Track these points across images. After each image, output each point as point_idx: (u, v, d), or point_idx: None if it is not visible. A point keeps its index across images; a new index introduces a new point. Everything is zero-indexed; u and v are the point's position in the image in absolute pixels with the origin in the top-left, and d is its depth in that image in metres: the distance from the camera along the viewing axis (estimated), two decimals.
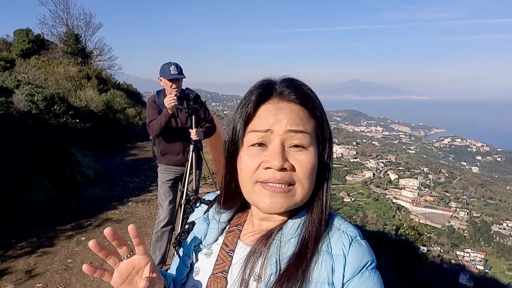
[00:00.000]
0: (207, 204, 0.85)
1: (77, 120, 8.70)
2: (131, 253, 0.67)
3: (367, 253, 0.68)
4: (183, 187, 3.14)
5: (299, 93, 0.68)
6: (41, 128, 6.79)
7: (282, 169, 0.64)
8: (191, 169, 3.10)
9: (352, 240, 0.68)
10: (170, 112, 2.91)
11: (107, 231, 0.64)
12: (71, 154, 6.66)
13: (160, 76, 3.01)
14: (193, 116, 3.00)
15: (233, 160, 0.71)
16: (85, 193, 5.97)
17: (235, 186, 0.73)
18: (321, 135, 0.70)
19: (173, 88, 2.97)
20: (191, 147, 3.07)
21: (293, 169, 0.65)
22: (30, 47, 14.20)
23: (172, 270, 0.87)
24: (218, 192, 0.84)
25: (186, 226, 0.83)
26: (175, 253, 0.83)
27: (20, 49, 13.90)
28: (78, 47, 15.33)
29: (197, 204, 0.87)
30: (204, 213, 0.82)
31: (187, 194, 3.12)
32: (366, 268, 0.67)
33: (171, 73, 2.94)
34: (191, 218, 0.85)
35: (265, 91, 0.68)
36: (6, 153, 5.12)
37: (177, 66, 2.98)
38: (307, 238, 0.67)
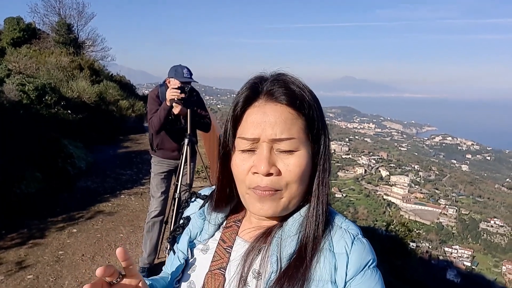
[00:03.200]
0: (203, 199, 0.83)
1: (69, 111, 8.58)
2: (121, 276, 0.63)
3: (368, 251, 0.68)
4: (177, 181, 3.13)
5: (285, 92, 0.66)
6: (32, 118, 6.68)
7: (269, 174, 0.64)
8: (185, 162, 3.09)
9: (354, 238, 0.68)
10: (168, 104, 2.88)
11: (119, 251, 0.60)
12: (63, 146, 6.59)
13: (172, 77, 2.96)
14: (188, 110, 2.98)
15: (226, 162, 0.71)
16: (77, 185, 5.91)
17: (230, 188, 0.73)
18: (313, 132, 0.68)
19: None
20: (186, 140, 3.05)
21: (280, 173, 0.65)
22: (21, 36, 13.95)
23: (167, 266, 0.85)
24: (214, 187, 0.83)
25: (181, 221, 0.81)
26: (169, 248, 0.82)
27: (11, 38, 13.65)
28: (70, 37, 15.10)
29: (193, 199, 0.85)
30: (200, 208, 0.81)
31: (180, 188, 3.11)
32: (368, 266, 0.67)
33: (184, 75, 2.93)
34: (186, 213, 0.84)
35: (251, 93, 0.67)
36: None
37: (189, 70, 2.98)
38: (306, 236, 0.67)
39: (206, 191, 0.85)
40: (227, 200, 0.75)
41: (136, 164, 7.44)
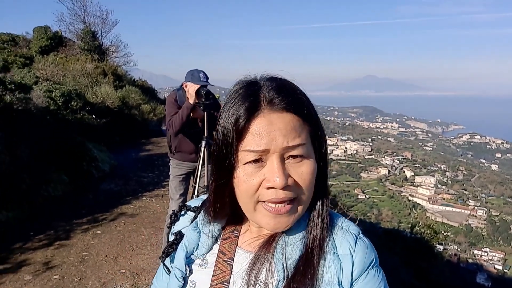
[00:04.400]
0: (193, 211, 0.78)
1: (93, 116, 8.85)
2: None
3: (371, 251, 0.68)
4: (195, 183, 3.17)
5: (290, 100, 0.62)
6: (58, 123, 6.94)
7: (286, 186, 0.61)
8: (202, 164, 3.13)
9: (356, 238, 0.68)
10: (191, 102, 2.94)
11: None
12: (88, 149, 6.80)
13: (189, 81, 3.02)
14: (205, 112, 3.03)
15: (225, 175, 0.66)
16: (101, 187, 6.08)
17: (228, 200, 0.68)
18: (316, 137, 0.66)
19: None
20: (203, 143, 3.09)
21: (295, 183, 0.62)
22: (48, 44, 14.48)
23: (156, 283, 0.81)
24: (203, 197, 0.80)
25: (173, 237, 0.76)
26: (163, 266, 0.77)
27: (39, 46, 14.19)
28: (95, 44, 15.53)
29: (182, 212, 0.80)
30: (192, 221, 0.76)
31: (199, 189, 3.15)
32: (372, 266, 0.67)
33: (201, 79, 3.00)
34: (176, 227, 0.79)
35: (253, 103, 0.62)
36: (24, 148, 5.26)
37: (205, 73, 3.05)
38: (312, 241, 0.66)
39: (195, 203, 0.80)
40: (225, 212, 0.71)
41: (157, 166, 7.57)
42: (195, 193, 3.16)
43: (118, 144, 8.92)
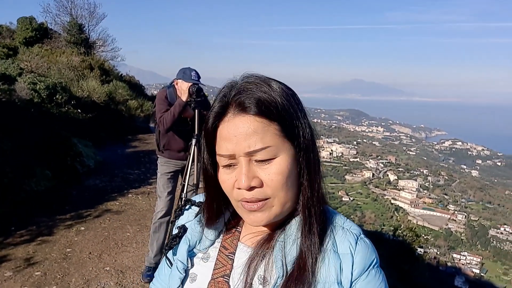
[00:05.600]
0: (198, 206, 0.80)
1: (79, 110, 8.69)
2: None
3: (372, 251, 0.69)
4: (184, 181, 3.14)
5: (250, 102, 0.63)
6: (43, 117, 6.78)
7: (252, 187, 0.63)
8: (192, 162, 3.10)
9: (357, 238, 0.68)
10: (184, 99, 2.91)
11: None
12: (73, 144, 6.66)
13: (180, 78, 2.99)
14: (196, 110, 3.00)
15: (209, 179, 0.71)
16: (85, 183, 5.97)
17: (221, 200, 0.72)
18: (288, 133, 0.64)
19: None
20: (193, 141, 3.07)
21: (264, 184, 0.63)
22: (33, 35, 14.14)
23: (159, 278, 0.83)
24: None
25: (177, 231, 0.78)
26: (165, 259, 0.79)
27: (23, 37, 13.85)
28: (82, 37, 15.25)
29: (187, 207, 0.83)
30: (196, 215, 0.78)
31: (187, 188, 3.12)
32: (373, 266, 0.68)
33: (192, 77, 2.97)
34: (181, 221, 0.81)
35: (220, 107, 0.66)
36: (7, 140, 5.12)
37: (197, 72, 3.02)
38: (306, 238, 0.66)
39: (200, 198, 0.82)
40: (217, 214, 0.74)
41: (144, 163, 7.48)
42: (184, 191, 3.13)
43: (104, 140, 8.76)
